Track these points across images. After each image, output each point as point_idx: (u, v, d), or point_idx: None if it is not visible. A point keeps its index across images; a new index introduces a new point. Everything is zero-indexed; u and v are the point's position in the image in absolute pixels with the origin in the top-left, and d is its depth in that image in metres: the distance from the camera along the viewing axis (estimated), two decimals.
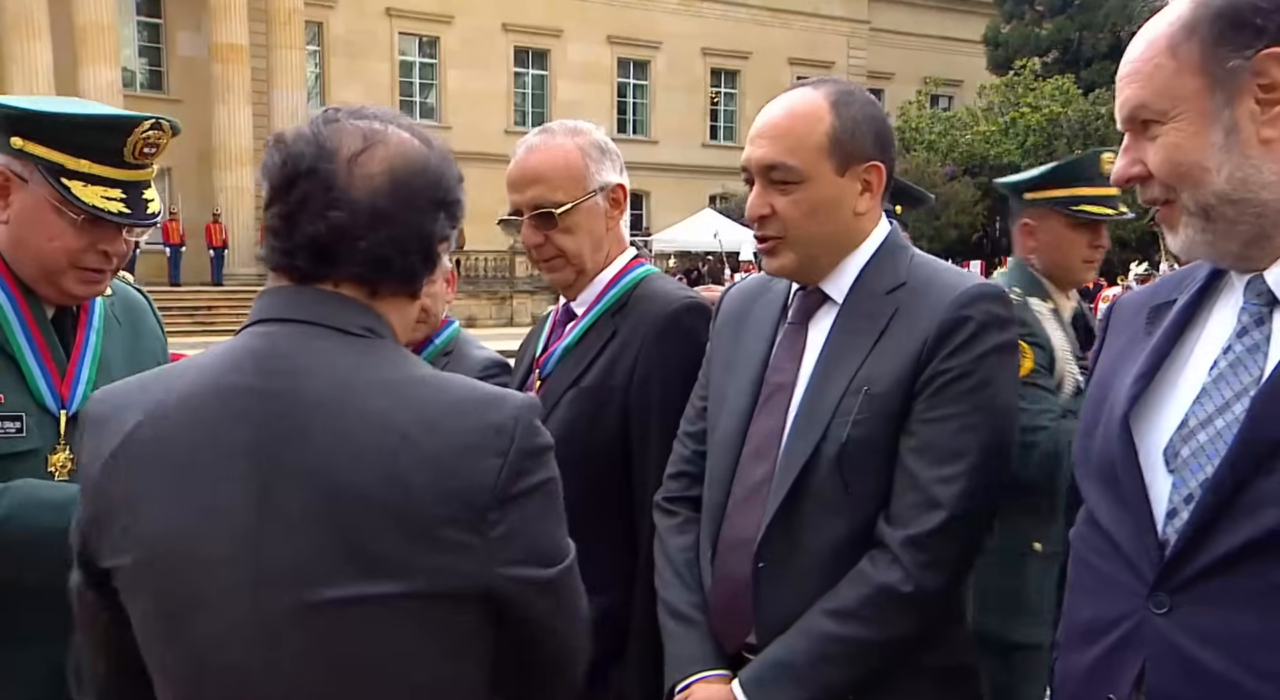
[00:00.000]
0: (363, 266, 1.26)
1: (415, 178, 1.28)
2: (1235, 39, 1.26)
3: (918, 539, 1.60)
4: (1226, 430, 1.25)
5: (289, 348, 1.24)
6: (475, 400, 1.25)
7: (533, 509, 1.24)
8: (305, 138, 1.27)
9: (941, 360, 1.63)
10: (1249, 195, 1.27)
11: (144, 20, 28.74)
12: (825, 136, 1.71)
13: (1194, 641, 1.22)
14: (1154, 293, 1.51)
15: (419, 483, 1.18)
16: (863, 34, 40.07)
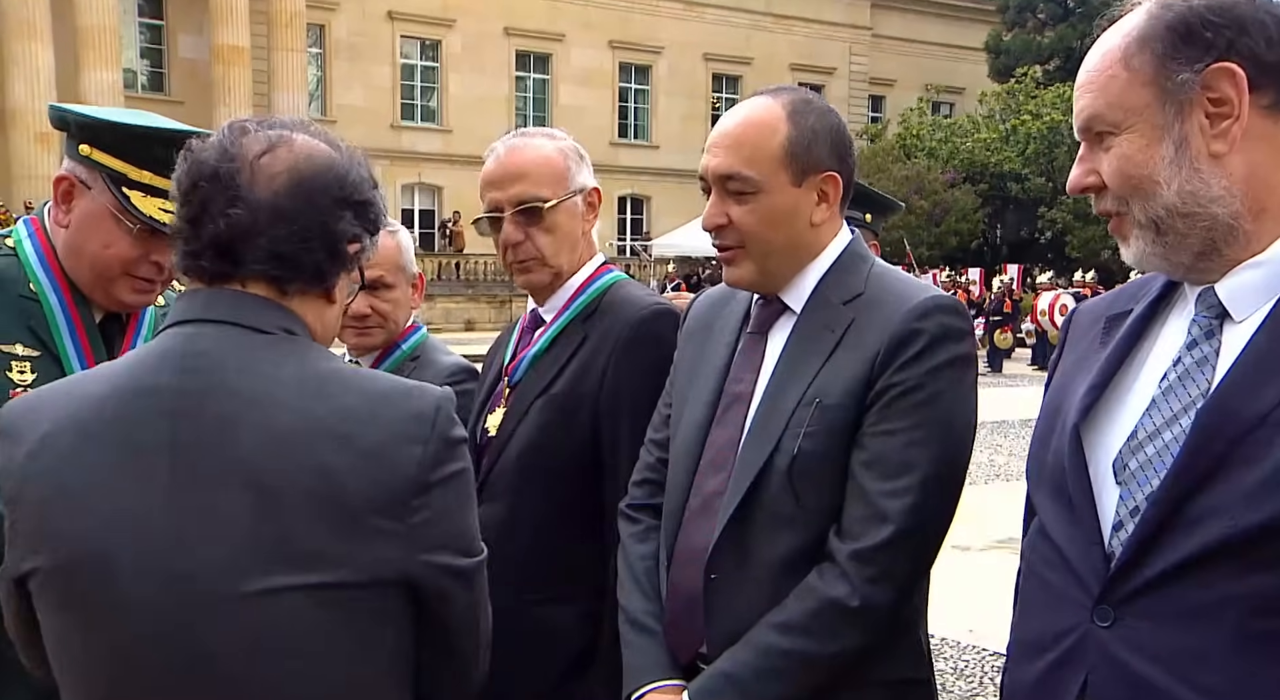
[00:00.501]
0: (266, 263, 1.28)
1: (318, 177, 1.30)
2: (1186, 53, 1.26)
3: (864, 553, 1.58)
4: (1174, 443, 1.25)
5: (205, 346, 1.26)
6: (395, 391, 1.29)
7: (451, 497, 1.28)
8: (211, 145, 1.31)
9: (893, 373, 1.62)
10: (1198, 209, 1.27)
11: (145, 22, 28.82)
12: (781, 147, 1.70)
13: (1136, 656, 1.22)
14: (1111, 302, 1.50)
15: (343, 472, 1.21)
16: (864, 40, 40.14)
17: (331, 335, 1.41)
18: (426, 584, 1.27)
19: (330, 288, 1.35)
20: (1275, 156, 1.27)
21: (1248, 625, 1.15)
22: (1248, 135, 1.26)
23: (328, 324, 1.39)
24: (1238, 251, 1.28)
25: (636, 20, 36.13)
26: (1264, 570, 1.14)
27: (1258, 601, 1.15)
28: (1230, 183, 1.26)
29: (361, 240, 1.36)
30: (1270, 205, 1.27)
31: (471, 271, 28.16)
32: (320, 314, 1.36)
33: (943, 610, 4.99)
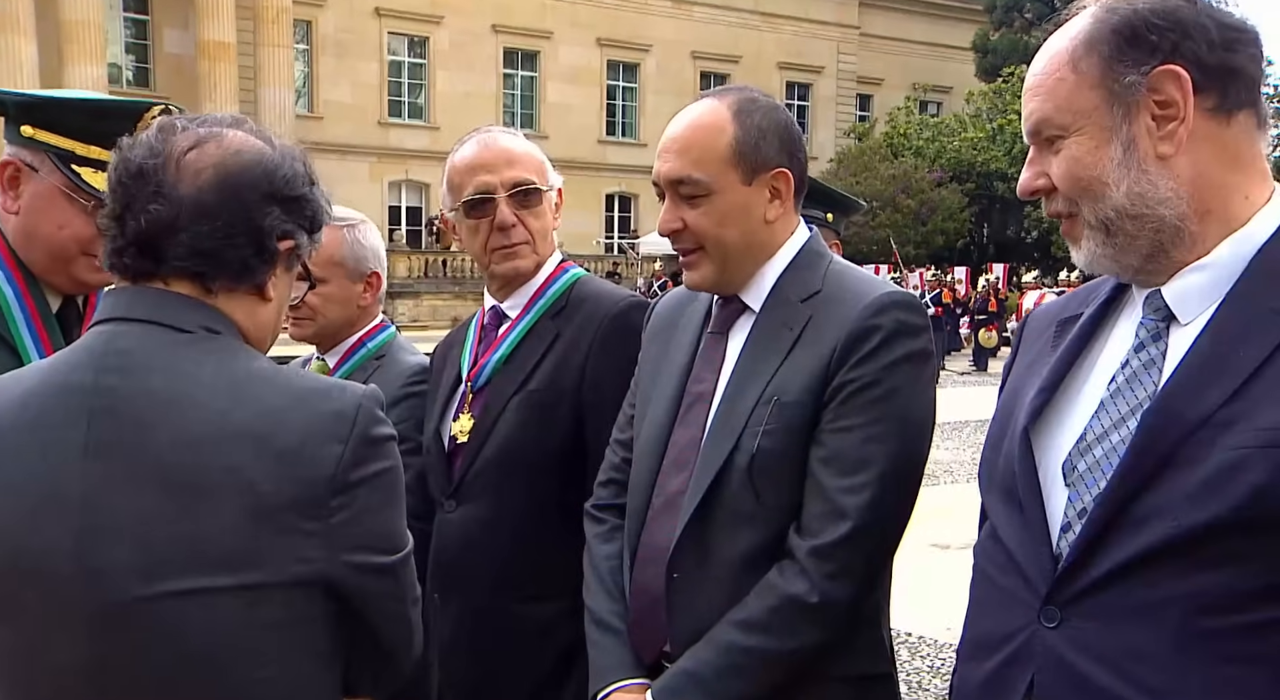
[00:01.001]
0: (188, 260, 1.28)
1: (245, 172, 1.30)
2: (1132, 55, 1.27)
3: (823, 549, 1.59)
4: (1121, 445, 1.26)
5: (125, 345, 1.26)
6: (315, 390, 1.28)
7: (373, 496, 1.28)
8: (140, 142, 1.31)
9: (849, 369, 1.63)
10: (1147, 211, 1.28)
11: (131, 17, 28.68)
12: (729, 147, 1.72)
13: (1081, 656, 1.23)
14: (1063, 306, 1.52)
15: (259, 473, 1.20)
16: (852, 39, 40.22)
17: (268, 333, 1.41)
18: (349, 583, 1.27)
19: (261, 285, 1.34)
20: (1219, 158, 1.28)
21: (1190, 625, 1.17)
22: (1193, 137, 1.27)
23: (262, 322, 1.37)
24: (1184, 253, 1.29)
25: (625, 18, 36.12)
26: (1206, 570, 1.16)
27: (1200, 601, 1.16)
28: (1177, 184, 1.27)
29: (295, 237, 1.36)
30: (1215, 207, 1.28)
31: (458, 268, 28.10)
32: (252, 312, 1.35)
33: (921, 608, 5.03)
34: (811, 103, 40.07)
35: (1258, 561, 1.14)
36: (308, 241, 1.39)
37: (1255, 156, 1.31)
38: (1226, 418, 1.18)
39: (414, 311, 28.17)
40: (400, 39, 33.45)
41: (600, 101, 36.52)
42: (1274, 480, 1.12)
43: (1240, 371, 1.19)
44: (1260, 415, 1.16)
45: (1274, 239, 1.27)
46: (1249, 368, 1.19)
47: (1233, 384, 1.19)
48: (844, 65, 40.20)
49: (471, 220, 2.12)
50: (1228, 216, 1.28)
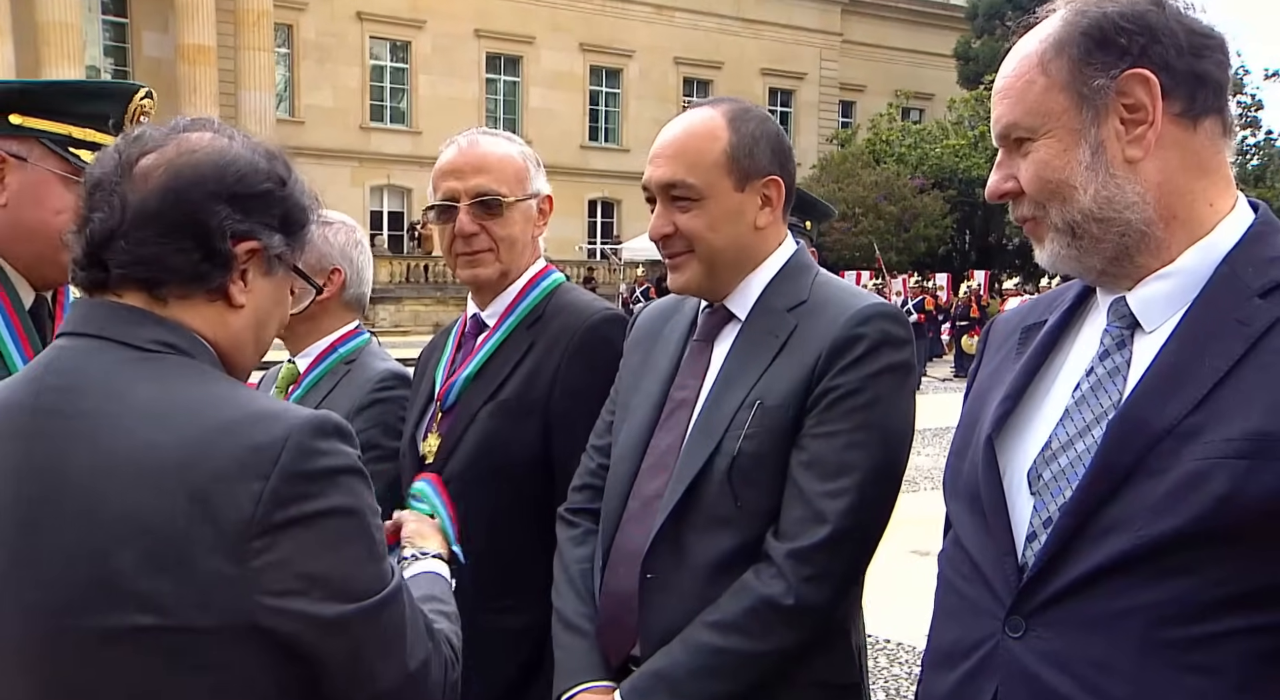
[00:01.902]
0: (129, 267, 1.23)
1: (193, 171, 1.25)
2: (1101, 58, 1.27)
3: (801, 552, 1.60)
4: (1086, 453, 1.25)
5: (67, 364, 1.22)
6: (243, 421, 1.16)
7: (312, 537, 1.15)
8: (106, 152, 1.28)
9: (833, 376, 1.64)
10: (1114, 214, 1.28)
11: (109, 19, 28.52)
12: (723, 153, 1.73)
13: (1044, 666, 1.23)
14: (1027, 313, 1.52)
15: (171, 512, 1.11)
16: (835, 46, 40.39)
17: (246, 344, 1.34)
18: (282, 632, 1.15)
19: (221, 290, 1.27)
20: (1186, 164, 1.28)
21: (1152, 635, 1.16)
22: (1160, 142, 1.27)
23: (234, 333, 1.30)
24: (1148, 258, 1.29)
25: (607, 23, 36.16)
26: (1170, 580, 1.16)
27: (1163, 611, 1.16)
28: (1144, 189, 1.27)
29: (257, 237, 1.28)
30: (1180, 212, 1.28)
31: (440, 274, 28.02)
32: (219, 322, 1.28)
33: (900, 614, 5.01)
34: (794, 109, 40.20)
35: (1221, 571, 1.14)
36: (281, 242, 1.31)
37: (1220, 163, 1.31)
38: (1191, 428, 1.18)
39: (395, 316, 28.06)
40: (382, 43, 33.37)
41: (583, 107, 36.53)
42: (1238, 491, 1.12)
43: (1205, 382, 1.19)
44: (1224, 426, 1.16)
45: (1237, 248, 1.27)
46: (1213, 378, 1.19)
47: (1197, 394, 1.19)
48: (826, 72, 40.35)
49: (439, 224, 2.14)
50: (1193, 223, 1.28)
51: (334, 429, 1.20)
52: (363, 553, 1.21)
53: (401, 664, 1.25)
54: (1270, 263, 1.24)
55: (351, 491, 1.20)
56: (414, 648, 1.27)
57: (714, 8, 37.72)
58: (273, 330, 1.39)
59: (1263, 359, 1.18)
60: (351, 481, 1.20)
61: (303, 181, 1.37)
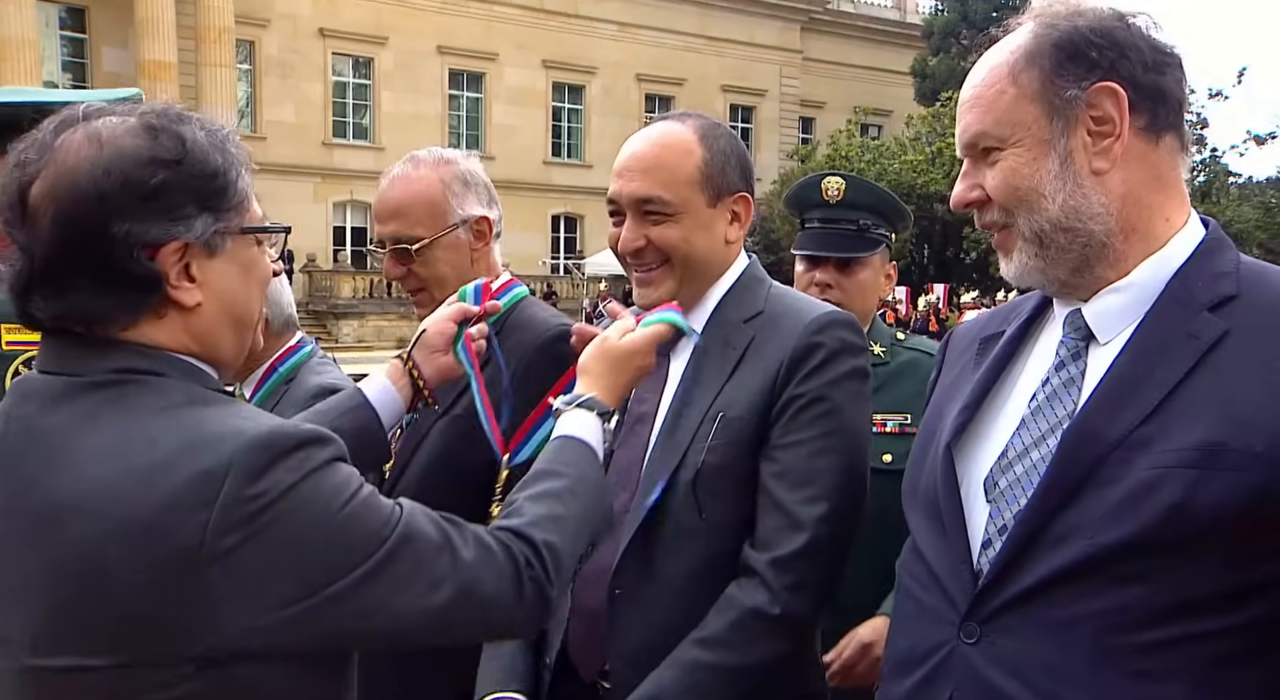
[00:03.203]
0: (57, 320, 1.17)
1: (74, 196, 1.13)
2: (1072, 70, 1.29)
3: (782, 560, 1.60)
4: (1041, 462, 1.27)
5: (30, 405, 1.17)
6: (189, 447, 1.09)
7: (274, 548, 1.09)
8: (4, 186, 1.18)
9: (795, 386, 1.65)
10: (1079, 224, 1.30)
11: (67, 35, 28.17)
12: (697, 169, 1.72)
13: (998, 671, 1.24)
14: (985, 324, 1.54)
15: (120, 551, 1.06)
16: (795, 63, 40.69)
17: (220, 335, 1.24)
18: (296, 641, 1.11)
19: (163, 302, 1.18)
20: (1147, 177, 1.31)
21: (1105, 641, 1.18)
22: (1125, 155, 1.29)
23: (202, 331, 1.22)
24: (1105, 269, 1.32)
25: (570, 40, 36.20)
26: (1122, 587, 1.18)
27: (1115, 618, 1.18)
28: (1109, 200, 1.29)
29: (174, 236, 1.16)
30: (1139, 225, 1.31)
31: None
32: (180, 329, 1.20)
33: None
34: (755, 125, 40.44)
35: (1172, 579, 1.16)
36: (209, 221, 1.19)
37: (1176, 179, 1.33)
38: (1143, 437, 1.20)
39: (359, 332, 27.88)
40: (344, 59, 33.19)
41: (546, 123, 36.50)
42: (1188, 499, 1.14)
43: (1156, 393, 1.21)
44: (1175, 436, 1.18)
45: (1189, 263, 1.29)
46: (1164, 389, 1.21)
47: (1149, 405, 1.21)
48: (787, 88, 40.64)
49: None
50: (1149, 236, 1.31)
51: (283, 444, 1.12)
52: (335, 525, 1.13)
53: (419, 608, 1.18)
54: (1220, 277, 1.27)
55: (312, 490, 1.12)
56: (437, 585, 1.18)
57: (677, 25, 37.89)
58: (252, 301, 1.29)
59: (1212, 371, 1.20)
60: (308, 484, 1.12)
61: (204, 136, 1.21)
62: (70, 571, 1.09)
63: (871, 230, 2.53)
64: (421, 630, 1.19)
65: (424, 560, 1.18)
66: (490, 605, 1.22)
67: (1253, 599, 1.16)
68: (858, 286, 2.51)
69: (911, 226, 2.73)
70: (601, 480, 1.45)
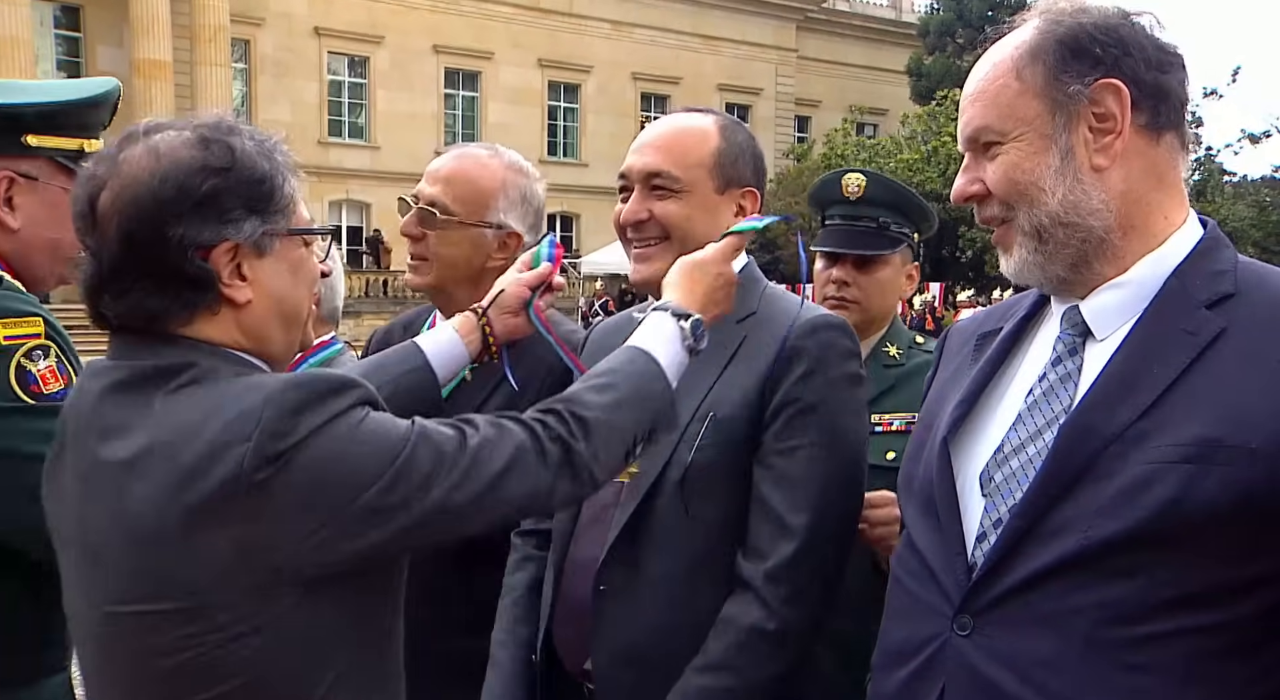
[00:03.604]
0: (120, 318, 1.28)
1: (136, 206, 1.24)
2: (1076, 67, 1.30)
3: (775, 572, 1.60)
4: (1037, 457, 1.28)
5: (96, 385, 1.30)
6: (232, 399, 1.20)
7: (311, 470, 1.18)
8: (76, 195, 1.29)
9: (786, 390, 1.65)
10: (1078, 220, 1.31)
11: (62, 34, 28.10)
12: (711, 155, 1.75)
13: (991, 663, 1.25)
14: (983, 320, 1.55)
15: (173, 499, 1.17)
16: (790, 62, 40.70)
17: (270, 329, 1.34)
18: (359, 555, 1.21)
19: (216, 300, 1.28)
20: (1147, 175, 1.32)
21: (1097, 634, 1.19)
22: (1126, 152, 1.30)
23: (252, 326, 1.32)
24: (1104, 266, 1.33)
25: (565, 39, 36.19)
26: (1115, 581, 1.19)
27: (1108, 611, 1.19)
28: (1108, 197, 1.30)
29: (225, 237, 1.27)
30: (1138, 222, 1.32)
31: (400, 288, 27.83)
32: (232, 324, 1.30)
33: None
34: (751, 124, 40.40)
35: (1164, 573, 1.17)
36: (256, 223, 1.29)
37: (1176, 178, 1.34)
38: (1139, 433, 1.21)
39: (355, 331, 27.75)
40: (340, 58, 33.16)
41: (541, 122, 36.48)
42: (1182, 495, 1.16)
43: (1153, 389, 1.22)
44: (1170, 432, 1.19)
45: (1187, 261, 1.30)
46: (1161, 385, 1.22)
47: (1146, 401, 1.22)
48: (782, 87, 40.66)
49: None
50: (1148, 233, 1.32)
51: (314, 387, 1.21)
52: (370, 438, 1.22)
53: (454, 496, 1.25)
54: (1217, 276, 1.28)
55: (341, 425, 1.21)
56: (467, 472, 1.26)
57: (672, 24, 37.89)
58: (303, 295, 1.38)
59: (1208, 368, 1.21)
60: (337, 421, 1.21)
61: (253, 146, 1.31)
62: (132, 525, 1.20)
63: (892, 228, 2.48)
64: (463, 515, 1.26)
65: (444, 453, 1.25)
66: (518, 472, 1.29)
67: (1245, 595, 1.17)
68: (876, 285, 2.45)
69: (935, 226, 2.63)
70: (654, 371, 1.46)
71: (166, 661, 1.21)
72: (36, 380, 1.60)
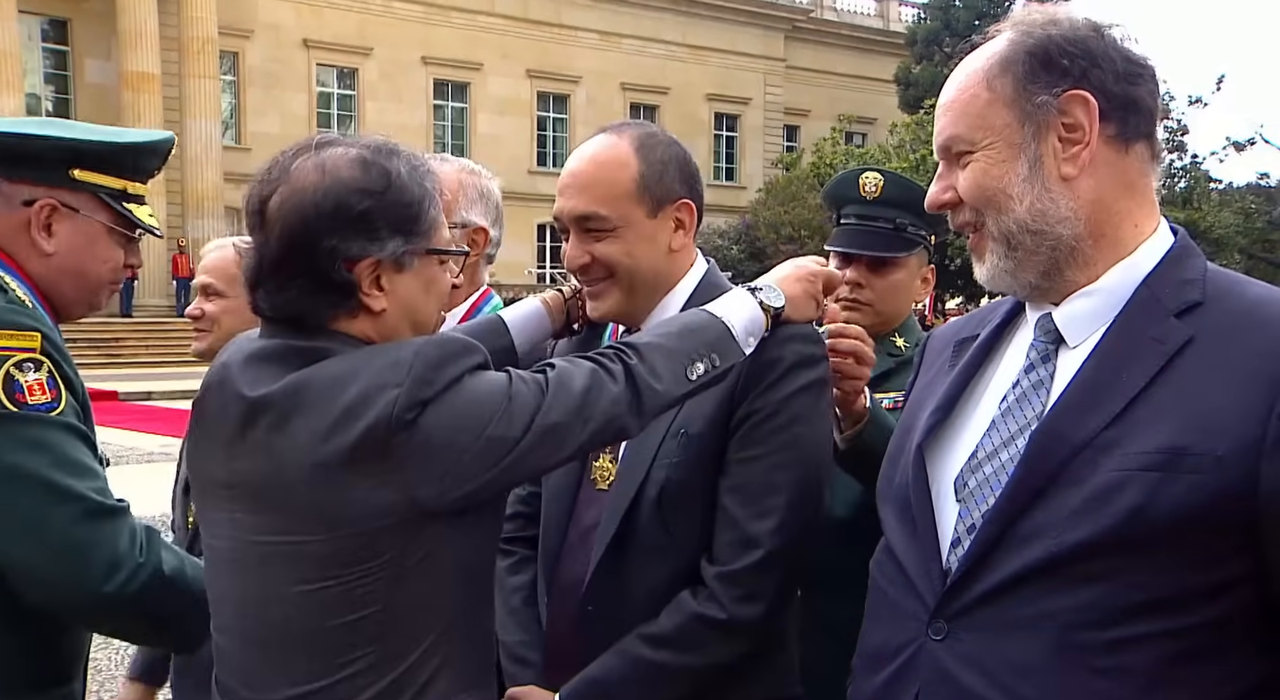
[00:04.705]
0: (274, 310, 1.42)
1: (299, 214, 1.37)
2: (1045, 77, 1.32)
3: (733, 574, 1.61)
4: (1010, 463, 1.30)
5: (244, 348, 1.47)
6: (379, 352, 1.37)
7: (450, 416, 1.34)
8: (251, 194, 1.43)
9: (752, 400, 1.65)
10: (1046, 228, 1.33)
11: (49, 47, 28.08)
12: (634, 182, 1.72)
13: (964, 668, 1.26)
14: (961, 327, 1.57)
15: (326, 439, 1.31)
16: (779, 71, 40.84)
17: (401, 336, 1.45)
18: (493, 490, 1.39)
19: (356, 308, 1.41)
20: (1116, 184, 1.34)
21: (1066, 639, 1.20)
22: (1095, 162, 1.32)
23: (387, 331, 1.44)
24: (1076, 273, 1.35)
25: (554, 50, 36.27)
26: (1084, 586, 1.20)
27: (1077, 616, 1.20)
28: (1077, 205, 1.32)
29: (370, 252, 1.39)
30: (1108, 231, 1.34)
31: None
32: (369, 326, 1.43)
33: None
34: (740, 133, 40.57)
35: (1133, 578, 1.19)
36: (400, 243, 1.41)
37: (1146, 187, 1.36)
38: (1108, 440, 1.22)
39: None
40: (329, 70, 33.18)
41: (531, 132, 36.55)
42: (1149, 501, 1.17)
43: (1122, 396, 1.24)
44: (1139, 439, 1.20)
45: (1157, 269, 1.32)
46: (1130, 393, 1.23)
47: (1115, 408, 1.23)
48: (771, 97, 40.79)
49: None
50: (1118, 242, 1.34)
51: (453, 346, 1.39)
52: (487, 393, 1.37)
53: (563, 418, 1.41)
54: (1186, 284, 1.30)
55: (472, 380, 1.37)
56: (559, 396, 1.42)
57: (660, 34, 38.02)
58: (432, 308, 1.52)
59: (1176, 376, 1.22)
60: (470, 377, 1.38)
61: (405, 176, 1.43)
62: (285, 462, 1.34)
63: (909, 230, 2.40)
64: (562, 434, 1.41)
65: (539, 387, 1.42)
66: (597, 388, 1.44)
67: (1212, 599, 1.18)
68: (890, 287, 2.39)
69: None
70: (704, 314, 1.60)
71: (307, 588, 1.35)
72: (23, 390, 1.62)
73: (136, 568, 1.62)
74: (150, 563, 1.64)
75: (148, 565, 1.63)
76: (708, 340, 1.55)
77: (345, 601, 1.34)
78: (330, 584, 1.34)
